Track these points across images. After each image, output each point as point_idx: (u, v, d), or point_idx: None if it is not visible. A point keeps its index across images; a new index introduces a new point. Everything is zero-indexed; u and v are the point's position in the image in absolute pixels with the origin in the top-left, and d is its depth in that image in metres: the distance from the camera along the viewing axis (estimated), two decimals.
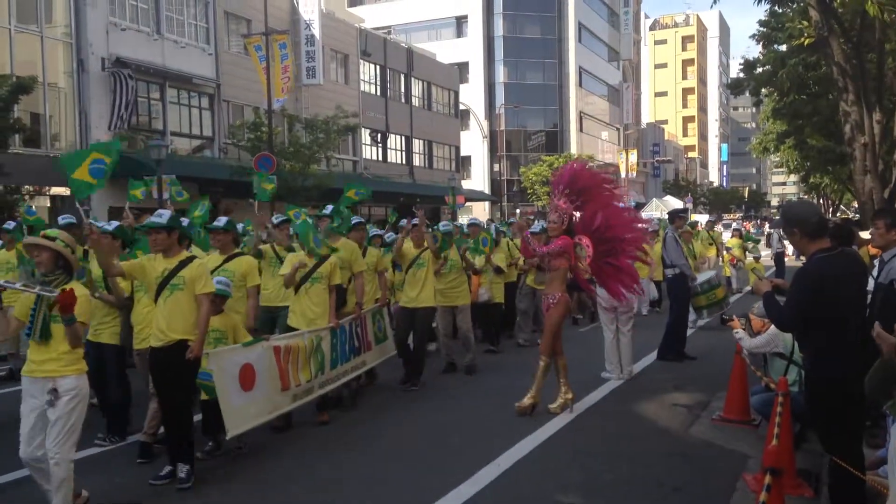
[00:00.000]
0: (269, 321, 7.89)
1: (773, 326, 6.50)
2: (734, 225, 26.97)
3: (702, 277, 11.02)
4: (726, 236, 22.93)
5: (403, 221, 9.41)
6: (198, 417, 6.29)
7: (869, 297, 5.17)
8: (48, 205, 21.31)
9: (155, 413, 6.15)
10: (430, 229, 9.50)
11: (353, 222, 8.59)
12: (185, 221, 7.41)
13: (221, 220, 7.50)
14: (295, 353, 6.83)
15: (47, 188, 20.60)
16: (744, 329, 7.07)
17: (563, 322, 7.88)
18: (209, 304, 5.77)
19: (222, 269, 7.08)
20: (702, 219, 25.79)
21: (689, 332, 11.17)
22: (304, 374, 6.96)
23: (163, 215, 5.75)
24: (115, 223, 7.70)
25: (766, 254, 27.29)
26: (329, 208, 8.42)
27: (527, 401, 7.54)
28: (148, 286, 5.90)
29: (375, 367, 8.88)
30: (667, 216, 14.30)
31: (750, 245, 19.81)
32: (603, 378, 9.04)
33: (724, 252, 18.80)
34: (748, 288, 18.08)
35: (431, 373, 9.40)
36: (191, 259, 5.79)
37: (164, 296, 5.65)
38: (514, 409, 7.52)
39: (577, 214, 7.81)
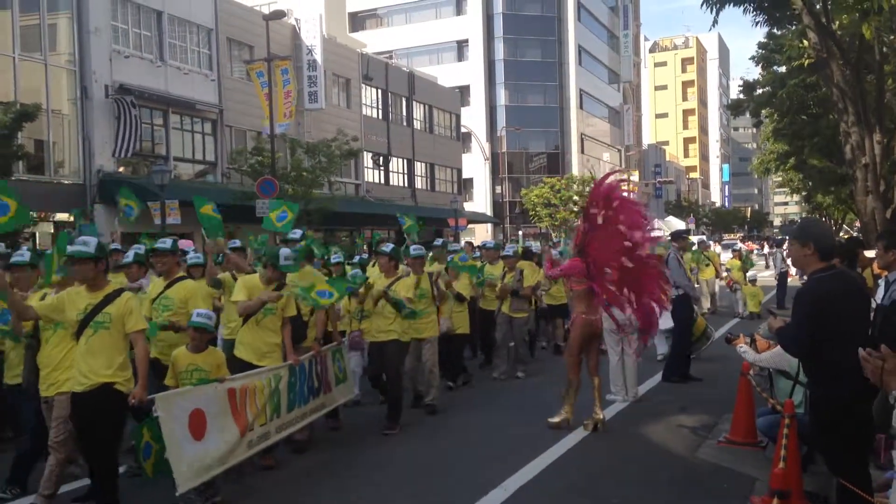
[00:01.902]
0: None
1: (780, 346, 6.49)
2: (734, 246, 26.52)
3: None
4: (726, 257, 22.69)
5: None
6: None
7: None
8: (52, 231, 21.38)
9: (52, 471, 5.46)
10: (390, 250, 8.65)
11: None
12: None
13: (166, 242, 6.84)
14: (252, 394, 6.15)
15: (52, 215, 20.67)
16: (748, 346, 7.04)
17: (585, 340, 7.84)
18: (144, 343, 5.26)
19: (163, 297, 6.61)
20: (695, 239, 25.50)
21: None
22: (260, 419, 6.25)
23: (88, 243, 5.15)
24: (26, 250, 7.00)
25: (768, 274, 27.20)
26: (298, 232, 7.83)
27: (559, 416, 7.72)
28: (69, 325, 5.29)
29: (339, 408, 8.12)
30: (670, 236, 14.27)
31: (747, 267, 19.39)
32: (608, 400, 9.00)
33: (724, 273, 18.60)
34: (748, 311, 17.68)
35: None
36: (118, 293, 5.22)
37: (87, 334, 5.08)
38: (547, 424, 7.67)
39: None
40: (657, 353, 11.53)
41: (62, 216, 20.40)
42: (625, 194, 7.78)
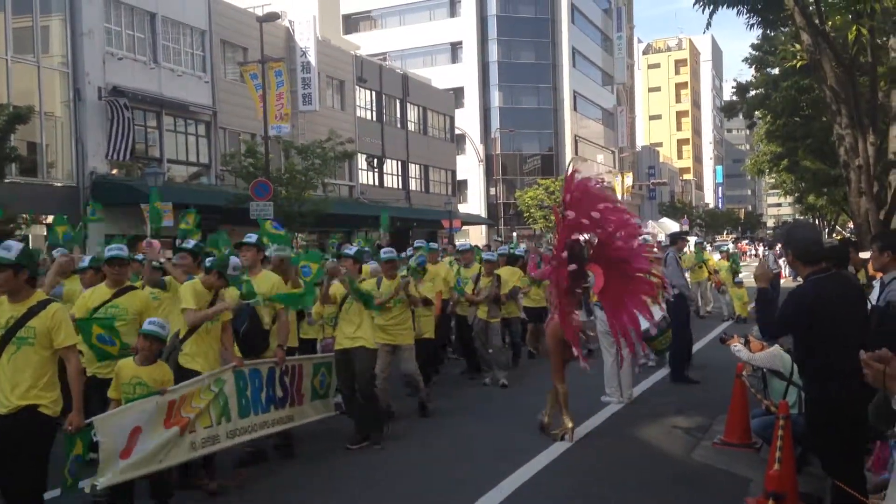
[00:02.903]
0: None
1: (775, 346, 6.51)
2: (723, 247, 25.97)
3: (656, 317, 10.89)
4: (717, 258, 22.53)
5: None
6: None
7: None
8: (44, 233, 21.28)
9: None
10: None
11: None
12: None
13: (122, 249, 6.35)
14: (190, 399, 5.81)
15: (44, 217, 20.59)
16: (743, 346, 7.04)
17: (565, 347, 7.58)
18: (77, 361, 4.80)
19: (111, 305, 6.16)
20: (692, 240, 25.14)
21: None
22: (203, 421, 5.93)
23: (10, 248, 4.60)
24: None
25: None
26: (252, 236, 7.28)
27: (567, 424, 7.52)
28: None
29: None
30: (668, 238, 14.28)
31: (736, 269, 18.88)
32: (603, 402, 9.00)
33: (714, 275, 18.41)
34: (736, 314, 17.42)
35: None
36: (43, 304, 4.68)
37: (10, 351, 4.57)
38: (552, 437, 7.47)
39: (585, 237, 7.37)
40: (649, 361, 11.34)
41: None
42: (595, 189, 7.40)
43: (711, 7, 14.50)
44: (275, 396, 6.82)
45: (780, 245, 22.73)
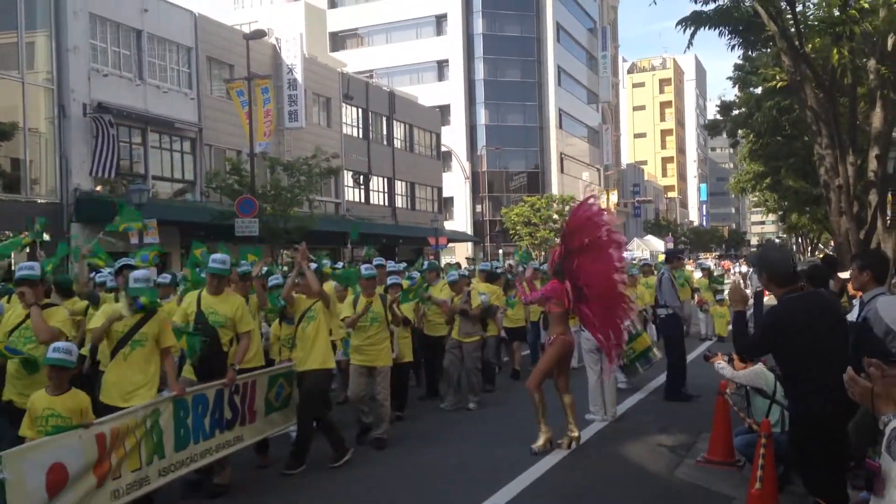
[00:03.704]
0: None
1: (759, 364, 6.56)
2: (704, 264, 23.84)
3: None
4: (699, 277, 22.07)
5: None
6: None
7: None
8: (27, 250, 21.10)
9: None
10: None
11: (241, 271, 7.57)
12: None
13: (34, 268, 5.94)
14: (122, 436, 5.26)
15: (25, 233, 20.44)
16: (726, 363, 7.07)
17: (561, 360, 7.87)
18: None
19: (24, 327, 5.89)
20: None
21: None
22: (131, 463, 5.35)
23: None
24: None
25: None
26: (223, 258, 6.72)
27: (541, 440, 7.64)
28: None
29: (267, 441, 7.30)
30: (665, 256, 14.30)
31: (717, 287, 18.69)
32: (587, 420, 9.01)
33: (696, 294, 18.22)
34: (715, 335, 17.12)
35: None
36: None
37: None
38: (531, 451, 7.54)
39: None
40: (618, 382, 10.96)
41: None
42: (606, 222, 7.76)
43: (693, 27, 14.71)
44: (221, 419, 6.39)
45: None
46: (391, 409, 8.44)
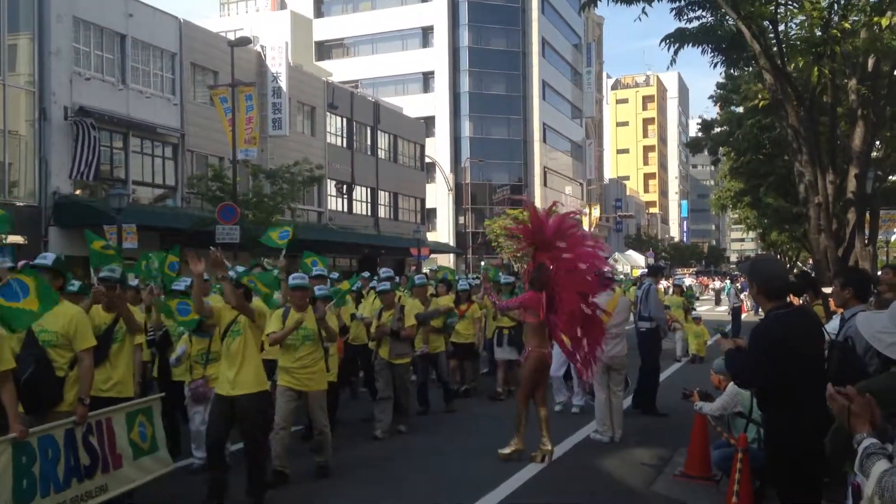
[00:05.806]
0: None
1: (731, 385, 6.54)
2: (678, 281, 21.87)
3: None
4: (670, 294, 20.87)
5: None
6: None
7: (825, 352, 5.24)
8: None
9: None
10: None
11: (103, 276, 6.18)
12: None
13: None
14: None
15: (3, 236, 20.19)
16: (702, 401, 6.99)
17: (539, 375, 7.84)
18: None
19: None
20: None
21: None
22: None
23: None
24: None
25: (722, 308, 27.50)
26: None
27: (510, 447, 7.64)
28: None
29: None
30: (648, 270, 14.15)
31: (688, 304, 17.94)
32: (593, 440, 8.77)
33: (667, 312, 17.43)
34: (690, 354, 16.41)
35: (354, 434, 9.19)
36: None
37: None
38: (497, 455, 7.55)
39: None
40: (572, 407, 10.61)
41: (15, 238, 19.90)
42: (575, 227, 7.86)
43: (676, 44, 14.86)
44: (79, 466, 5.24)
45: (742, 279, 22.94)
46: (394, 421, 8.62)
